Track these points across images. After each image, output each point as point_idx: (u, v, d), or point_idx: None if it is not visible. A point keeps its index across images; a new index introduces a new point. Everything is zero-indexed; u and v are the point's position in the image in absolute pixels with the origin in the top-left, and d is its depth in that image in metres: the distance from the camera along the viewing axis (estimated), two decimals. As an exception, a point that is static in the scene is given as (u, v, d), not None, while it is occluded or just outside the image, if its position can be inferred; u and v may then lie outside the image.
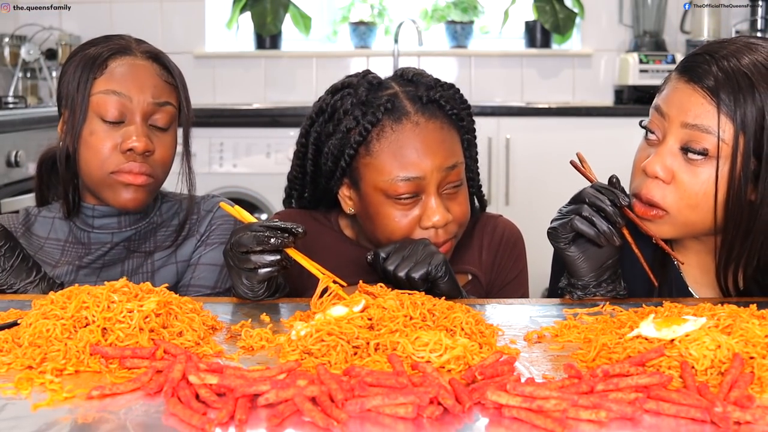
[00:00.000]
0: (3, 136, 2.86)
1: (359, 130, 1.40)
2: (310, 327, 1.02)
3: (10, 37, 3.85)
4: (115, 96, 1.42)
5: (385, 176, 1.39)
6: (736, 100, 1.20)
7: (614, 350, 0.98)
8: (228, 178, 3.49)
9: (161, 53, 1.51)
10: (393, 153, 1.39)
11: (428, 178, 1.38)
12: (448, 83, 1.49)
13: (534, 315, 1.22)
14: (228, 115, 3.63)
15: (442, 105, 1.43)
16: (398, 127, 1.40)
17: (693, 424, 0.80)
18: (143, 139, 1.42)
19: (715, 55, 1.24)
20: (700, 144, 1.22)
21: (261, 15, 3.99)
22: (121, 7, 4.08)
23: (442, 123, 1.42)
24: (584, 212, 1.26)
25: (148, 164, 1.44)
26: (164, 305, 1.06)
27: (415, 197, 1.40)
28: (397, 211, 1.40)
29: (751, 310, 1.04)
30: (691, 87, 1.24)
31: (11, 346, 1.00)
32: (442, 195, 1.41)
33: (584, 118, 3.52)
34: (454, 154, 1.41)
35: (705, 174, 1.23)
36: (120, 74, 1.44)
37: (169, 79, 1.49)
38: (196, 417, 0.79)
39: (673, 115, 1.25)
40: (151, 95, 1.44)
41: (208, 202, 1.60)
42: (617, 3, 4.04)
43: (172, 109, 1.48)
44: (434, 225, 1.39)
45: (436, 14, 4.21)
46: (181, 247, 1.54)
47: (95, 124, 1.43)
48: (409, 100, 1.42)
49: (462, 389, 0.85)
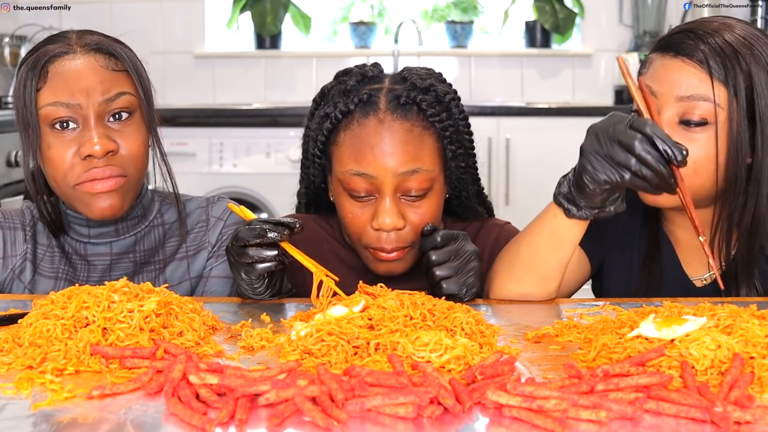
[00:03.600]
0: (3, 136, 2.86)
1: (332, 117, 1.40)
2: (310, 327, 1.02)
3: (10, 37, 3.85)
4: (63, 107, 1.32)
5: (342, 167, 1.38)
6: (726, 66, 1.27)
7: (614, 350, 0.98)
8: (228, 178, 3.49)
9: (105, 41, 1.39)
10: (353, 145, 1.37)
11: (381, 179, 1.35)
12: (449, 91, 1.44)
13: (535, 315, 1.22)
14: (228, 115, 3.63)
15: (423, 109, 1.38)
16: (364, 120, 1.38)
17: (693, 424, 0.80)
18: (102, 140, 1.32)
19: (698, 32, 1.30)
20: (698, 114, 1.27)
21: (261, 15, 3.99)
22: (121, 7, 4.08)
23: (412, 126, 1.38)
24: (633, 168, 1.12)
25: (115, 164, 1.34)
26: (164, 305, 1.06)
27: (371, 197, 1.38)
28: (353, 207, 1.39)
29: (751, 310, 1.04)
30: (680, 61, 1.29)
31: (11, 346, 1.00)
32: (399, 200, 1.37)
33: (584, 118, 3.49)
34: (416, 159, 1.36)
35: (703, 140, 1.28)
36: (62, 80, 1.33)
37: (119, 67, 1.37)
38: (197, 417, 0.79)
39: (666, 91, 1.29)
40: (100, 93, 1.33)
41: (216, 206, 1.52)
42: (617, 3, 4.04)
43: (129, 98, 1.36)
44: (381, 227, 1.36)
45: (436, 14, 4.21)
46: (193, 261, 1.48)
47: (50, 138, 1.33)
48: (386, 97, 1.39)
49: (462, 389, 0.85)
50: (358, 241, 1.42)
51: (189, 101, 4.00)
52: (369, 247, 1.40)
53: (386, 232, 1.37)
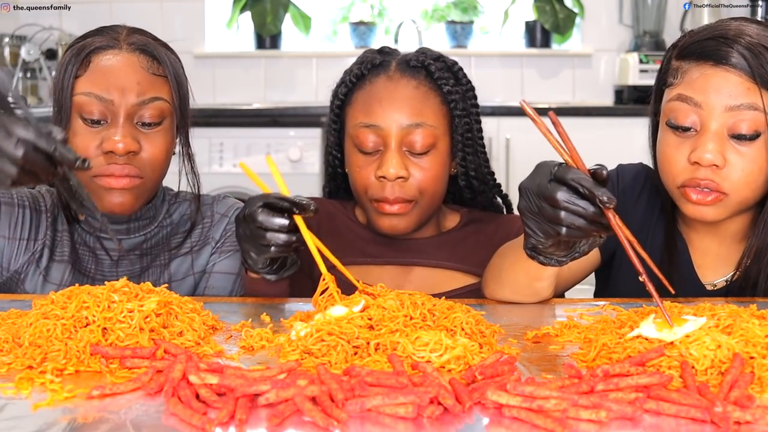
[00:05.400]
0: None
1: (347, 81, 1.50)
2: (310, 327, 1.02)
3: (10, 37, 3.85)
4: (96, 99, 1.34)
5: (352, 122, 1.47)
6: (766, 70, 1.24)
7: (614, 350, 0.98)
8: (228, 178, 3.49)
9: (152, 43, 1.40)
10: (363, 101, 1.47)
11: (387, 130, 1.43)
12: (457, 63, 1.53)
13: (535, 315, 1.22)
14: (228, 115, 3.63)
15: (431, 72, 1.47)
16: (375, 79, 1.48)
17: (693, 424, 0.80)
18: (126, 140, 1.33)
19: (727, 36, 1.27)
20: (748, 125, 1.24)
21: (261, 15, 3.99)
22: (121, 7, 4.08)
23: (419, 84, 1.46)
24: (565, 223, 1.05)
25: (134, 165, 1.35)
26: (164, 305, 1.06)
27: (378, 152, 1.44)
28: (360, 160, 1.46)
29: (751, 310, 1.04)
30: (722, 69, 1.25)
31: (11, 346, 1.00)
32: (403, 153, 1.44)
33: (584, 118, 3.51)
34: (421, 114, 1.44)
35: (754, 152, 1.25)
36: (101, 74, 1.35)
37: (159, 71, 1.39)
38: (197, 417, 0.79)
39: (711, 102, 1.25)
40: (135, 94, 1.35)
41: (221, 203, 1.54)
42: (617, 3, 4.04)
43: (162, 104, 1.38)
44: (385, 175, 1.42)
45: (436, 14, 4.21)
46: (197, 257, 1.49)
47: (78, 125, 1.35)
48: (397, 60, 1.50)
49: (462, 389, 0.85)
50: (364, 194, 1.47)
51: (189, 101, 4.00)
52: (373, 199, 1.45)
53: (390, 182, 1.42)
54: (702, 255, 1.40)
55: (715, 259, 1.39)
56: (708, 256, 1.40)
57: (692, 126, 1.27)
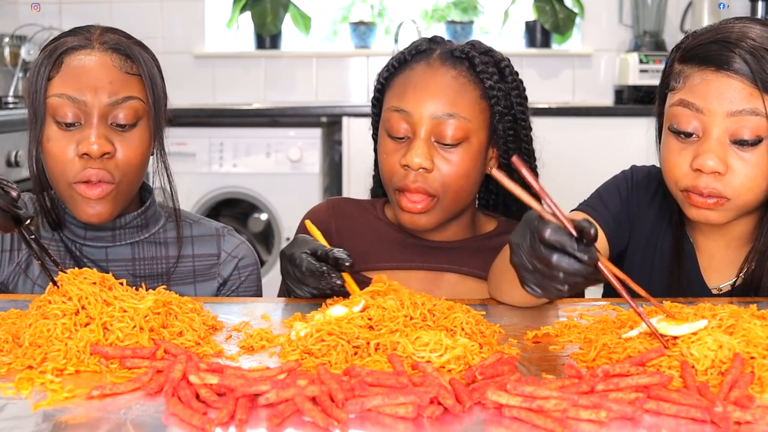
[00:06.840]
0: (3, 136, 2.87)
1: (389, 65, 1.46)
2: (310, 327, 1.02)
3: (10, 37, 3.84)
4: (69, 100, 1.31)
5: (386, 105, 1.43)
6: None
7: (614, 350, 0.98)
8: (228, 178, 3.49)
9: (125, 42, 1.37)
10: (400, 85, 1.42)
11: (417, 117, 1.37)
12: (505, 59, 1.48)
13: (535, 315, 1.22)
14: (228, 115, 3.63)
15: (474, 64, 1.41)
16: (415, 65, 1.43)
17: (693, 424, 0.80)
18: (100, 141, 1.30)
19: (729, 40, 1.25)
20: (750, 131, 1.23)
21: (261, 15, 3.99)
22: (121, 7, 4.08)
23: (459, 74, 1.41)
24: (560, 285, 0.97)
25: (109, 168, 1.32)
26: (164, 305, 1.06)
27: (407, 138, 1.39)
28: (389, 146, 1.41)
29: (752, 310, 1.04)
30: (724, 75, 1.24)
31: (11, 346, 1.00)
32: (432, 144, 1.38)
33: (584, 118, 3.51)
34: (455, 104, 1.38)
35: (757, 157, 1.25)
36: (74, 74, 1.32)
37: (133, 70, 1.35)
38: (197, 417, 0.79)
39: (714, 108, 1.25)
40: (108, 94, 1.31)
41: (228, 241, 1.50)
42: (617, 3, 4.04)
43: (136, 104, 1.34)
44: (408, 164, 1.37)
45: (436, 14, 4.21)
46: (200, 288, 1.46)
47: (52, 130, 1.32)
48: (441, 49, 1.44)
49: (462, 389, 0.85)
50: (389, 183, 1.42)
51: (189, 101, 4.00)
52: (396, 189, 1.41)
53: (414, 171, 1.38)
54: (708, 258, 1.40)
55: (722, 262, 1.39)
56: (714, 260, 1.40)
57: (694, 132, 1.27)
